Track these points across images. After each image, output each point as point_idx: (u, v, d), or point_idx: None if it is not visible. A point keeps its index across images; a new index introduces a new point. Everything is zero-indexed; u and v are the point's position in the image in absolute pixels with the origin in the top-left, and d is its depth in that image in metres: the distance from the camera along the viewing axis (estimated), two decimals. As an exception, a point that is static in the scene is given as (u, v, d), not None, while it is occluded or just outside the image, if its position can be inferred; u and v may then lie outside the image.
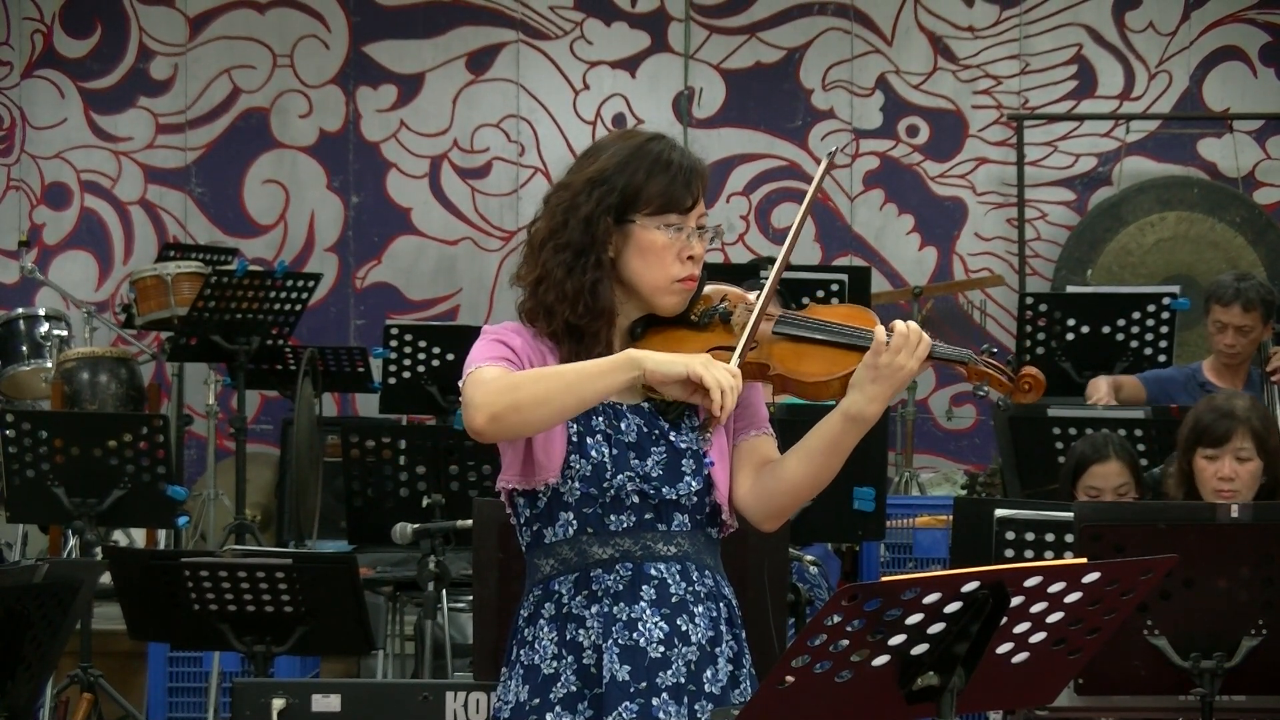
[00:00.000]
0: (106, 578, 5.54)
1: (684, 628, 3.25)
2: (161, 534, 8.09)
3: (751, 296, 3.34)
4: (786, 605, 5.05)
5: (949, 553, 5.50)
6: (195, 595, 5.34)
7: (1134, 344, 7.24)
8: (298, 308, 8.04)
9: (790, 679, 2.79)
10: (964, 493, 8.74)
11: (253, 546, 7.55)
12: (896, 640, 2.80)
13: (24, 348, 8.55)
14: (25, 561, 6.35)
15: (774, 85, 10.05)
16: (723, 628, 3.31)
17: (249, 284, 7.89)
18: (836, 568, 7.07)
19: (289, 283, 7.98)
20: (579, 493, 3.23)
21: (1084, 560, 2.87)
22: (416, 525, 5.56)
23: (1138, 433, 5.99)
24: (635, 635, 3.22)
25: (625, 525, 3.25)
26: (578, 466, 3.24)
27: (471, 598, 5.78)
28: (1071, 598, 2.86)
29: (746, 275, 7.32)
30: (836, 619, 2.74)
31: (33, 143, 10.12)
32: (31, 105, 10.12)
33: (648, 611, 3.23)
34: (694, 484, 3.28)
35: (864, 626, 2.76)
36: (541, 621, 3.27)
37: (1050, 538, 4.67)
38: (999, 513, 4.76)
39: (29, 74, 10.12)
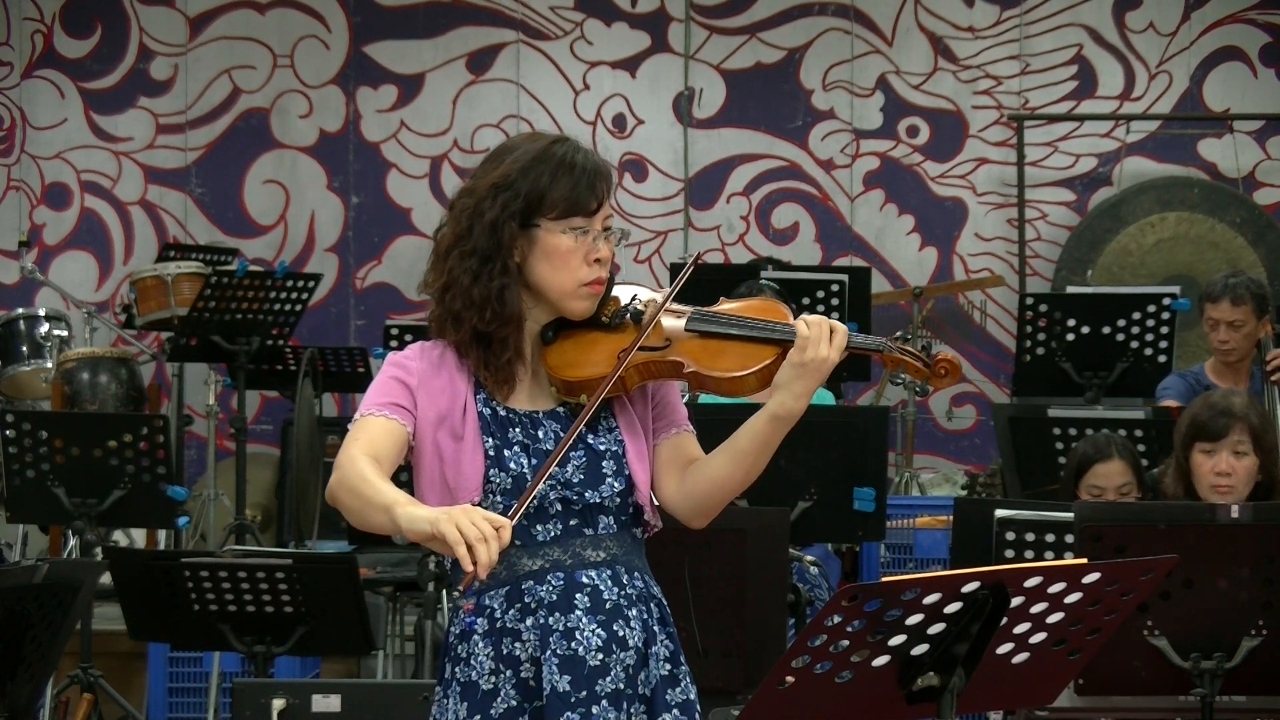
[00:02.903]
0: (106, 578, 5.55)
1: (621, 633, 3.23)
2: (161, 534, 8.08)
3: (660, 296, 3.32)
4: (786, 605, 5.05)
5: (949, 553, 5.51)
6: (195, 595, 5.34)
7: (1134, 344, 7.24)
8: (298, 308, 8.04)
9: (790, 679, 2.79)
10: (964, 493, 8.74)
11: (253, 547, 7.55)
12: (897, 641, 2.81)
13: (24, 348, 8.54)
14: (25, 561, 6.34)
15: (774, 85, 10.04)
16: (655, 628, 3.29)
17: (249, 284, 7.89)
18: (836, 568, 7.07)
19: (289, 283, 7.98)
20: (502, 506, 3.17)
21: (1084, 561, 2.87)
22: (417, 525, 5.55)
23: (1138, 433, 6.00)
24: (574, 645, 3.20)
25: (553, 534, 3.23)
26: (498, 480, 3.21)
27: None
28: (1072, 598, 2.87)
29: (746, 275, 7.33)
30: (837, 619, 2.74)
31: (33, 143, 10.12)
32: (31, 105, 10.12)
33: (584, 620, 3.21)
34: (616, 485, 3.25)
35: (864, 627, 2.76)
36: (475, 637, 3.24)
37: (1050, 538, 4.67)
38: (999, 513, 4.76)
39: (29, 74, 10.12)
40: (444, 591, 5.78)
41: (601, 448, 3.25)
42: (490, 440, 3.22)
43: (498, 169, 3.26)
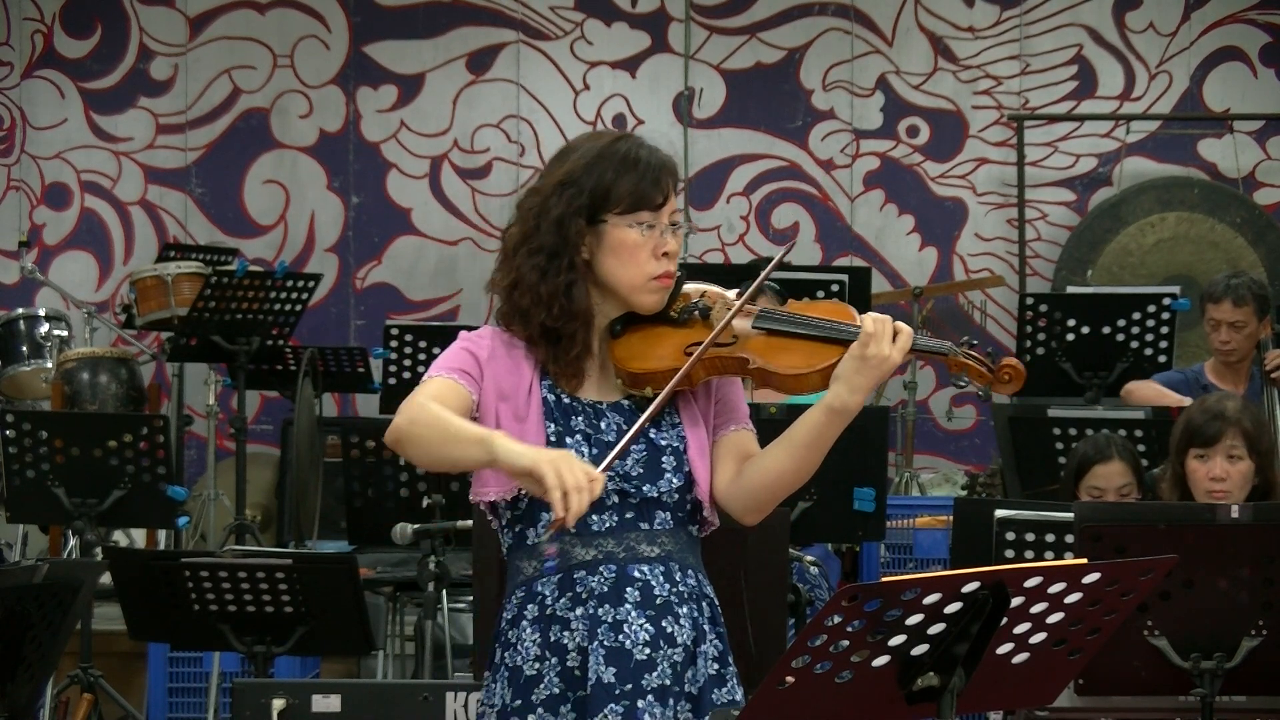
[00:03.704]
0: (106, 578, 5.54)
1: (669, 629, 3.24)
2: (161, 534, 8.08)
3: (730, 295, 3.34)
4: (786, 605, 5.05)
5: (949, 553, 5.51)
6: (195, 595, 5.34)
7: (1134, 344, 7.23)
8: (298, 308, 8.04)
9: (790, 679, 2.79)
10: (964, 493, 8.74)
11: (253, 547, 7.55)
12: (897, 641, 2.80)
13: (24, 348, 8.54)
14: (25, 561, 6.34)
15: (774, 85, 10.04)
16: (705, 627, 3.30)
17: (249, 284, 7.89)
18: (836, 568, 7.07)
19: (289, 283, 7.98)
20: None
21: (1084, 561, 2.87)
22: (416, 525, 5.56)
23: (1138, 433, 6.00)
24: (621, 637, 3.22)
25: (608, 525, 3.24)
26: None
27: (471, 598, 5.77)
28: (1072, 598, 2.87)
29: (746, 275, 7.32)
30: (837, 619, 2.74)
31: (33, 143, 10.12)
32: (31, 105, 10.12)
33: (633, 613, 3.23)
34: (675, 481, 3.27)
35: (864, 627, 2.76)
36: (524, 623, 3.26)
37: (1050, 538, 4.67)
38: (999, 513, 4.76)
39: (29, 74, 10.12)
40: (444, 591, 5.78)
41: (663, 443, 3.28)
42: (553, 426, 3.25)
43: (563, 167, 3.31)
